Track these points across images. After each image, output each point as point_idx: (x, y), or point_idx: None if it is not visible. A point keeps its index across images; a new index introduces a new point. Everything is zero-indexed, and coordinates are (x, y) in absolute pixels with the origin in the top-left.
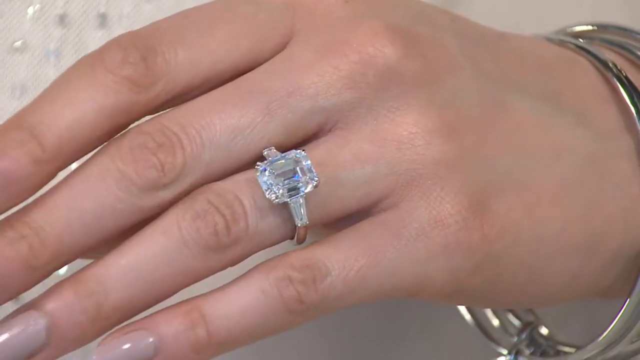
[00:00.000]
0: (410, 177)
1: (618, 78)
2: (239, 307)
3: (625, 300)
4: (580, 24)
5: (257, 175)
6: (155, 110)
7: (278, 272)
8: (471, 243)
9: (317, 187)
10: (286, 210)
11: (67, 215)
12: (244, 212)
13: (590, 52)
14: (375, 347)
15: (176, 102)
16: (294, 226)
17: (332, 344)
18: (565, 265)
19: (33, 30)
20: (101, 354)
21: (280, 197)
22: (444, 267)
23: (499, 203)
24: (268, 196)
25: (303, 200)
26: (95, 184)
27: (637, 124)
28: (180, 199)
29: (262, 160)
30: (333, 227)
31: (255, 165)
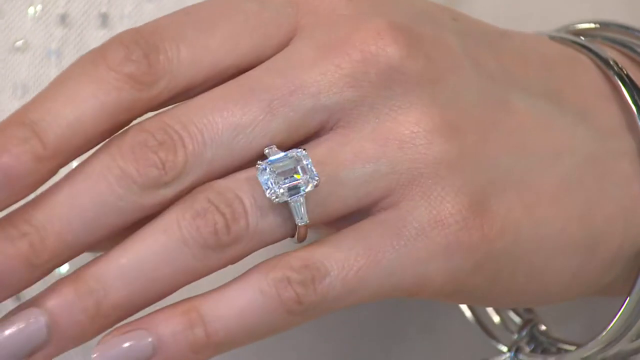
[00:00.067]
0: (411, 176)
1: (619, 76)
2: (237, 307)
3: (625, 299)
4: (582, 22)
5: (258, 174)
6: (157, 107)
7: (277, 272)
8: (471, 243)
9: (318, 186)
10: (287, 209)
11: (67, 213)
12: (244, 211)
13: (592, 50)
14: (375, 347)
15: (178, 99)
16: (295, 225)
17: (332, 344)
18: (565, 265)
19: (34, 30)
20: (100, 353)
21: (280, 197)
22: (443, 267)
23: (500, 203)
24: (268, 195)
25: (303, 199)
26: (96, 182)
27: (638, 122)
28: (182, 197)
29: (264, 159)
30: (334, 225)
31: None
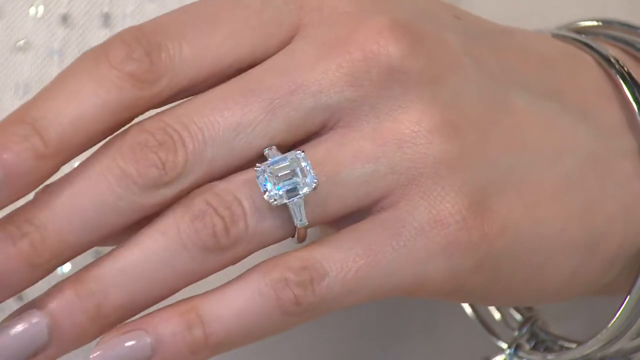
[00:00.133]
0: (411, 176)
1: (620, 74)
2: (235, 308)
3: (625, 297)
4: (584, 20)
5: (257, 176)
6: (158, 105)
7: (275, 273)
8: (471, 242)
9: (316, 188)
10: (286, 211)
11: (68, 213)
12: (243, 213)
13: (593, 48)
14: (375, 347)
15: (180, 97)
16: (294, 226)
17: (332, 344)
18: (565, 264)
19: (36, 29)
20: (99, 353)
21: (278, 199)
22: (443, 267)
23: (500, 202)
24: (266, 198)
25: (302, 201)
26: (96, 182)
27: (639, 121)
28: (182, 197)
29: (263, 160)
30: (334, 225)
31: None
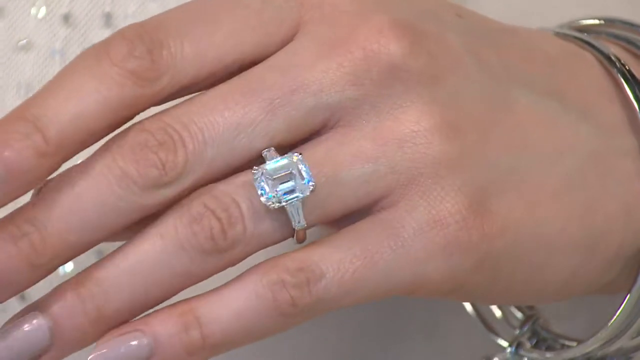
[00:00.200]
0: (411, 176)
1: (622, 73)
2: (233, 309)
3: (625, 296)
4: (586, 18)
5: (254, 180)
6: (160, 103)
7: (271, 275)
8: (471, 242)
9: (314, 191)
10: (284, 212)
11: (68, 213)
12: (241, 216)
13: (595, 47)
14: (375, 347)
15: (182, 94)
16: (292, 227)
17: (332, 344)
18: (565, 264)
19: (38, 29)
20: (98, 354)
21: (275, 203)
22: (443, 267)
23: (500, 202)
24: (264, 201)
25: (300, 203)
26: (97, 182)
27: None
28: (183, 197)
29: (263, 161)
30: (334, 224)
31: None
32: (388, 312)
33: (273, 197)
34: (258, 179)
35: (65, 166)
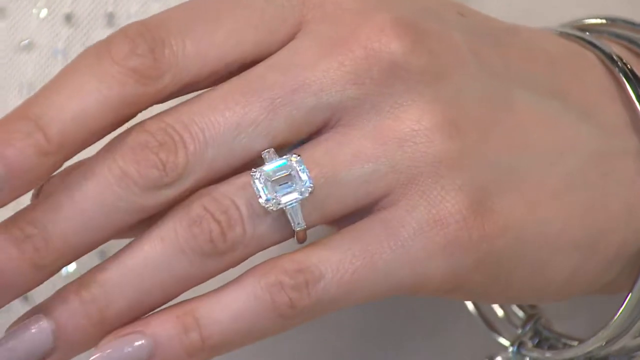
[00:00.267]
0: (411, 175)
1: (623, 72)
2: (232, 311)
3: (627, 295)
4: (589, 17)
5: (252, 182)
6: (162, 101)
7: (270, 277)
8: (471, 242)
9: (313, 192)
10: (283, 214)
11: (70, 215)
12: (240, 218)
13: (597, 46)
14: (376, 347)
15: (183, 93)
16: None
17: (332, 344)
18: (566, 263)
19: (40, 29)
20: (98, 356)
21: (274, 205)
22: (443, 266)
23: (501, 202)
24: (262, 204)
25: (299, 205)
26: (97, 183)
27: None
28: (184, 197)
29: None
30: (335, 224)
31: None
32: (389, 312)
33: (272, 199)
34: (257, 181)
35: (65, 166)
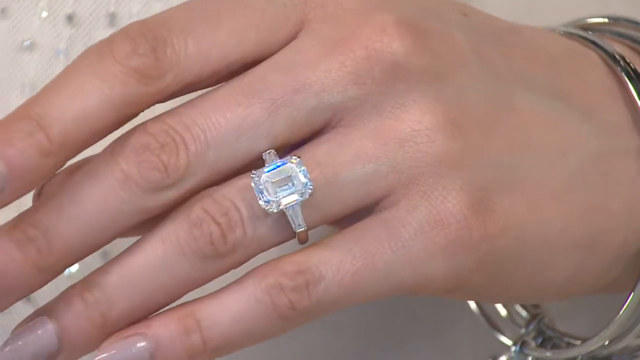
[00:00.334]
0: (412, 175)
1: (626, 72)
2: (232, 313)
3: (629, 295)
4: (591, 16)
5: (252, 184)
6: (164, 100)
7: (270, 279)
8: (472, 242)
9: (313, 194)
10: (284, 215)
11: (72, 217)
12: (241, 220)
13: (599, 45)
14: (375, 347)
15: (185, 92)
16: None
17: (332, 344)
18: (567, 263)
19: (42, 29)
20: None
21: (274, 207)
22: (444, 266)
23: (502, 202)
24: (263, 206)
25: (299, 206)
26: (99, 185)
27: None
28: (187, 198)
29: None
30: (336, 224)
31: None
32: (391, 312)
33: (272, 201)
34: (257, 183)
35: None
